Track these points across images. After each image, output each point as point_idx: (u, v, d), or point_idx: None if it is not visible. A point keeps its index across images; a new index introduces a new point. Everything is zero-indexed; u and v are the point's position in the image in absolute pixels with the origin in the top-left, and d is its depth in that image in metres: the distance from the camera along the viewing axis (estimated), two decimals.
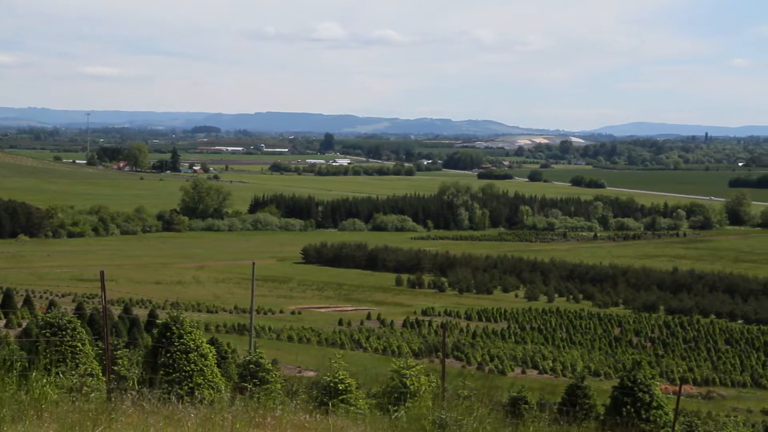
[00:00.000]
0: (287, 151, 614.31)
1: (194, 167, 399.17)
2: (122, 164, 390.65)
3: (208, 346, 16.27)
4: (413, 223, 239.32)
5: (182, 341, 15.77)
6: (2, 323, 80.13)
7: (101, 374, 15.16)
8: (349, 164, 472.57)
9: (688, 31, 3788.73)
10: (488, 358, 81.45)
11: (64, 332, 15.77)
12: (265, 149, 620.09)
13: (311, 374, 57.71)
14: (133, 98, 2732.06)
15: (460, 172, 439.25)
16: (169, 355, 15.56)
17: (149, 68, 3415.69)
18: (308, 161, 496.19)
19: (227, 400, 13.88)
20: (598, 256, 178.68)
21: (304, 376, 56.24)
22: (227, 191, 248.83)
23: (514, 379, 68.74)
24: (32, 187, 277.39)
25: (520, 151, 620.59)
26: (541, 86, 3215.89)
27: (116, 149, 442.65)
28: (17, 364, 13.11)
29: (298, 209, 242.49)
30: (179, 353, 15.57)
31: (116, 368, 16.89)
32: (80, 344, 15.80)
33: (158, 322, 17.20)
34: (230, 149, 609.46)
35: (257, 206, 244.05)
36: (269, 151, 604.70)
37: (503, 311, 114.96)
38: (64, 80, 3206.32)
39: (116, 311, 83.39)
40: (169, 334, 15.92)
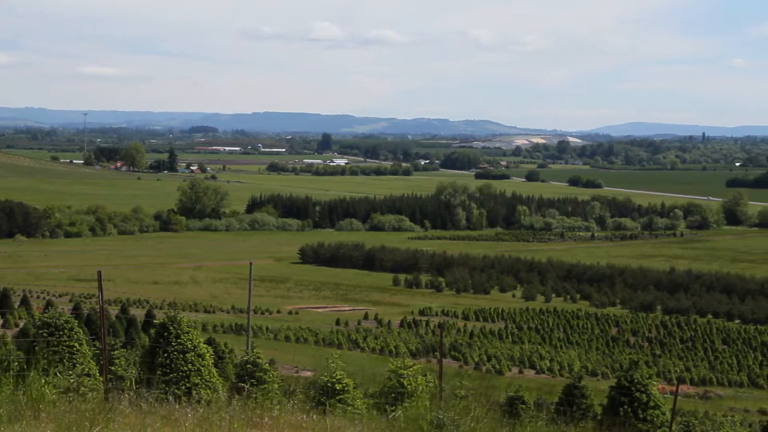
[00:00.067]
0: (284, 151, 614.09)
1: (191, 167, 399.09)
2: (119, 164, 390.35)
3: (205, 346, 16.27)
4: (410, 223, 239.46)
5: (179, 341, 15.78)
6: None
7: (98, 374, 15.16)
8: (346, 164, 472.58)
9: (687, 31, 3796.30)
10: (485, 358, 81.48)
11: (61, 332, 15.76)
12: (262, 149, 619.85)
13: (308, 374, 57.67)
14: (130, 98, 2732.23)
15: (457, 172, 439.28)
16: (166, 355, 15.56)
17: (147, 68, 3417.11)
18: (305, 161, 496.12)
19: (224, 400, 13.88)
20: (595, 256, 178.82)
21: (301, 376, 56.21)
22: (224, 191, 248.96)
23: (511, 379, 68.73)
24: (29, 187, 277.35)
25: (517, 151, 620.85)
26: (538, 86, 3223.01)
27: (113, 149, 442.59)
28: (14, 364, 13.12)
29: (295, 209, 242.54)
30: (176, 353, 15.57)
31: (113, 368, 16.88)
32: (77, 344, 15.79)
33: (155, 322, 17.19)
34: (227, 149, 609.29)
35: (254, 206, 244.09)
36: (266, 151, 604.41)
37: (500, 311, 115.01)
38: (62, 80, 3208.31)
39: (113, 311, 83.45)
40: (166, 334, 15.91)
